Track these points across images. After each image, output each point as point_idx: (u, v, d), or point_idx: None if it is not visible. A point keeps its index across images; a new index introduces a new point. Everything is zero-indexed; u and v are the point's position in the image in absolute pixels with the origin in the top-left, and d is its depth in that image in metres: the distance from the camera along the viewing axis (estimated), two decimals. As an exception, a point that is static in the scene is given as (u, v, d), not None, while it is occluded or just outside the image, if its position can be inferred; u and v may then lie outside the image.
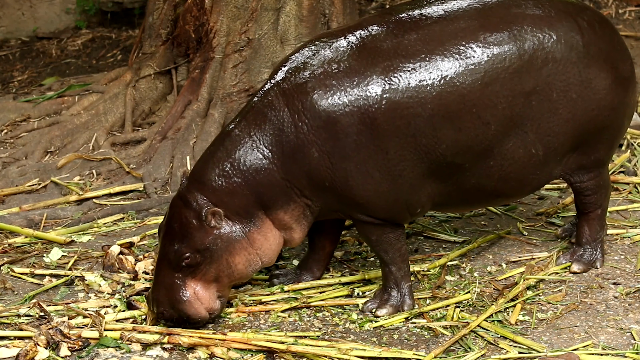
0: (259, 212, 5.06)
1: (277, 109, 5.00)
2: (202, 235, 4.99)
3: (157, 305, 5.07)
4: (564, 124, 5.15)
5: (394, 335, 5.09)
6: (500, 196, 5.33)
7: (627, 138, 7.23)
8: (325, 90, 4.94)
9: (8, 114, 8.15)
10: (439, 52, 4.96)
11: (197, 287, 5.06)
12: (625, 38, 9.28)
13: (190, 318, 5.06)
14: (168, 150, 7.28)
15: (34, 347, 4.90)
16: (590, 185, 5.44)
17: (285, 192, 5.04)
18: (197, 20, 7.67)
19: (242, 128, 5.05)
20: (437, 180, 5.08)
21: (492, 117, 5.00)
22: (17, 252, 6.13)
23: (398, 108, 4.91)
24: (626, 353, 4.82)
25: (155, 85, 7.91)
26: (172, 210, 5.07)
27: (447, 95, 4.93)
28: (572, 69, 5.11)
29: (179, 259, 5.00)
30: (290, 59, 5.13)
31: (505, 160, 5.12)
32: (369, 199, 5.03)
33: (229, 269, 5.06)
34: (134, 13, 10.76)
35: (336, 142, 4.93)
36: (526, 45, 5.04)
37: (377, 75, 4.93)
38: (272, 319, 5.28)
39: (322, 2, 7.65)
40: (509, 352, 4.88)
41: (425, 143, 4.96)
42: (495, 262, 5.76)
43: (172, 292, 5.04)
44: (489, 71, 4.98)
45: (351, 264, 5.79)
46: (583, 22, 5.18)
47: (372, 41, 5.01)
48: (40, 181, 7.16)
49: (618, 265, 5.67)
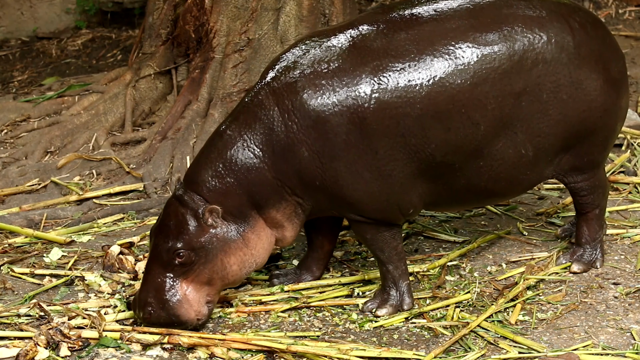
0: (252, 212, 5.06)
1: (267, 109, 5.01)
2: (198, 233, 4.98)
3: (144, 306, 5.00)
4: (555, 125, 5.15)
5: (394, 335, 5.09)
6: (491, 196, 5.34)
7: (627, 138, 7.23)
8: (315, 90, 4.95)
9: (8, 114, 8.15)
10: (428, 52, 4.96)
11: (188, 289, 5.03)
12: (625, 38, 9.29)
13: (179, 319, 5.01)
14: (168, 150, 7.28)
15: (34, 347, 4.90)
16: (585, 186, 5.44)
17: (276, 190, 5.04)
18: (197, 20, 7.67)
19: (233, 128, 5.06)
20: (428, 180, 5.09)
21: (482, 117, 5.00)
22: (17, 252, 6.13)
23: (387, 108, 4.92)
24: (626, 353, 4.82)
25: (155, 85, 7.91)
26: (167, 210, 5.06)
27: (436, 95, 4.93)
28: (563, 70, 5.11)
29: (172, 256, 4.97)
30: (281, 58, 5.14)
31: (495, 161, 5.12)
32: (359, 198, 5.03)
33: (224, 270, 5.05)
34: (134, 13, 10.76)
35: (326, 141, 4.94)
36: (516, 45, 5.04)
37: (367, 74, 4.93)
38: (272, 319, 5.28)
39: (322, 2, 7.66)
40: (509, 352, 4.88)
41: (414, 143, 4.96)
42: (495, 262, 5.76)
43: (163, 292, 4.99)
44: (479, 71, 4.98)
45: (351, 264, 5.79)
46: (575, 23, 5.18)
47: (362, 40, 5.01)
48: (40, 181, 7.16)
49: (618, 265, 5.67)
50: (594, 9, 9.90)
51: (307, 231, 5.55)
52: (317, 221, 5.46)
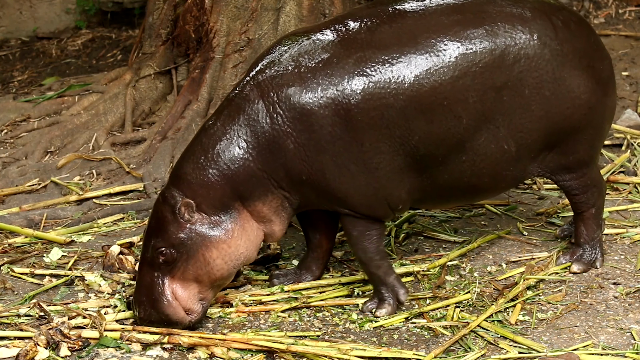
0: (236, 204, 5.05)
1: (252, 101, 5.02)
2: (175, 229, 4.97)
3: (138, 306, 5.03)
4: (537, 121, 5.17)
5: (394, 335, 5.09)
6: (475, 192, 5.36)
7: (627, 138, 7.23)
8: (300, 82, 4.97)
9: (8, 114, 8.15)
10: (411, 44, 5.01)
11: (175, 286, 5.02)
12: (625, 38, 9.29)
13: (169, 317, 5.00)
14: (168, 150, 7.28)
15: (34, 347, 4.90)
16: (576, 185, 5.45)
17: (262, 183, 5.04)
18: (197, 20, 7.67)
19: (217, 122, 5.08)
20: (413, 174, 5.11)
21: (464, 110, 5.04)
22: (17, 252, 6.13)
23: (371, 99, 4.95)
24: (626, 353, 4.82)
25: (155, 85, 7.91)
26: (154, 209, 5.11)
27: (419, 87, 4.98)
28: (545, 66, 5.14)
29: (155, 254, 4.98)
30: (267, 53, 5.17)
31: (477, 155, 5.14)
32: (347, 192, 5.04)
33: (207, 266, 5.02)
34: (134, 13, 10.76)
35: (311, 134, 4.95)
36: (498, 40, 5.09)
37: (350, 66, 4.96)
38: (272, 319, 5.28)
39: (322, 2, 7.66)
40: (509, 352, 4.88)
41: (399, 134, 4.99)
42: (495, 262, 5.76)
43: (151, 291, 5.00)
44: (460, 65, 5.02)
45: (351, 264, 5.79)
46: (558, 21, 5.22)
47: (347, 34, 5.06)
48: (40, 181, 7.16)
49: (618, 265, 5.67)
50: (594, 9, 9.90)
51: (305, 230, 5.56)
52: (313, 219, 5.47)
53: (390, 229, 6.10)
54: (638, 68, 8.69)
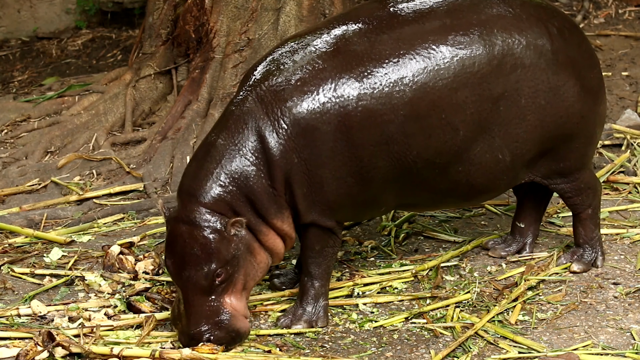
0: (258, 220, 5.01)
1: (257, 117, 4.96)
2: (225, 247, 4.87)
3: (201, 337, 4.86)
4: (532, 131, 5.17)
5: (394, 335, 5.09)
6: (467, 198, 5.36)
7: (627, 138, 7.23)
8: (304, 98, 4.94)
9: (8, 114, 8.15)
10: (410, 56, 4.98)
11: (231, 301, 4.95)
12: (625, 38, 9.28)
13: (239, 332, 4.92)
14: (168, 150, 7.28)
15: (34, 347, 4.90)
16: (569, 188, 5.45)
17: (274, 200, 4.99)
18: (197, 20, 7.67)
19: (225, 136, 4.99)
20: (407, 184, 5.12)
21: (461, 122, 5.04)
22: (17, 252, 6.13)
23: (372, 115, 4.94)
24: (626, 353, 4.82)
25: (155, 85, 7.91)
26: (180, 239, 4.90)
27: (418, 102, 4.97)
28: (541, 75, 5.14)
29: (212, 279, 4.86)
30: (265, 61, 5.11)
31: (472, 166, 5.14)
32: (341, 203, 5.05)
33: (253, 270, 4.99)
34: (134, 13, 10.76)
35: (313, 149, 4.94)
36: (495, 50, 5.07)
37: (353, 82, 4.95)
38: (272, 319, 5.28)
39: (322, 2, 7.66)
40: (509, 352, 4.88)
41: (397, 150, 5.00)
42: (495, 262, 5.76)
43: (214, 316, 4.88)
44: (458, 76, 5.01)
45: (351, 263, 5.79)
46: (553, 29, 5.21)
47: (345, 44, 5.01)
48: (40, 181, 7.16)
49: (618, 265, 5.67)
50: (593, 9, 9.89)
51: None
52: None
53: (390, 229, 6.11)
54: (638, 68, 8.68)
